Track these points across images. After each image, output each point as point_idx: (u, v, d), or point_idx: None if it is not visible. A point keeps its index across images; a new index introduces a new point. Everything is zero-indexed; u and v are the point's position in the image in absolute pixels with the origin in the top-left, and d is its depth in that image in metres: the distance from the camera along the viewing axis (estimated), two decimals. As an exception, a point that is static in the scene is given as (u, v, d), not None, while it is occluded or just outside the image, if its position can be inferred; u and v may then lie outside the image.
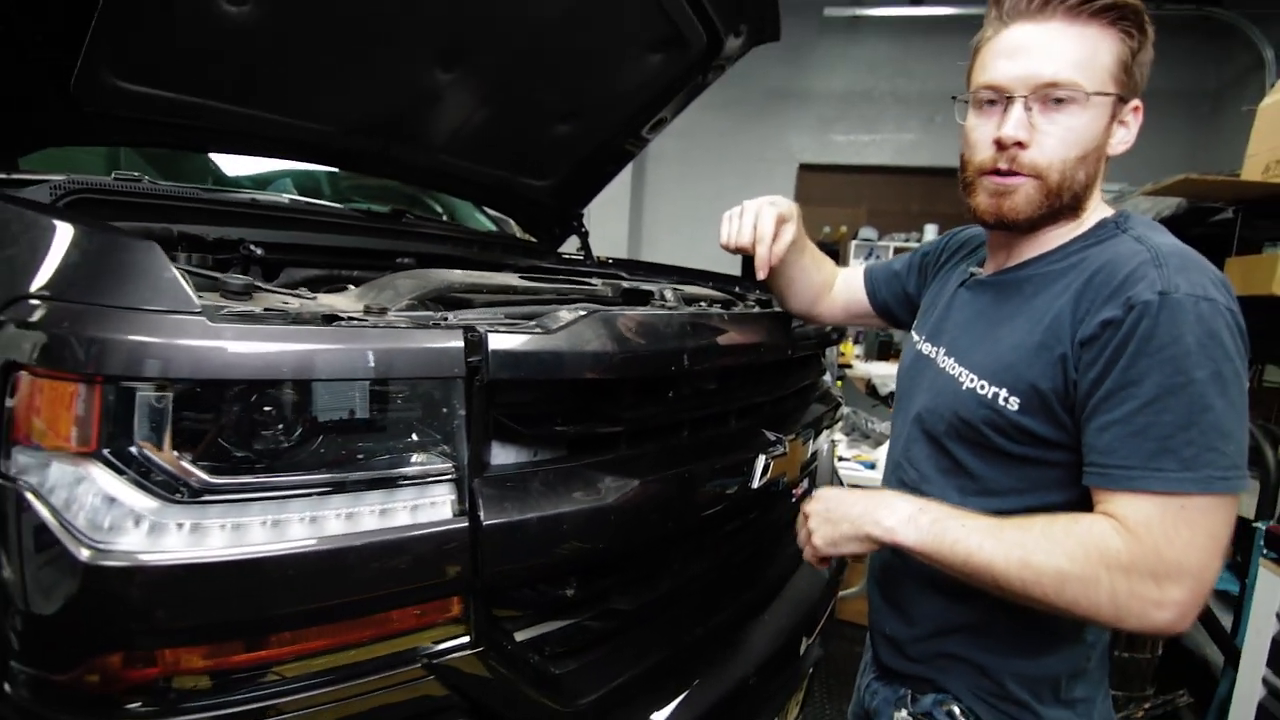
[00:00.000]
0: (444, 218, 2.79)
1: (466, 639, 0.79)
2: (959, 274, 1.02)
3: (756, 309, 1.52)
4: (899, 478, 0.98)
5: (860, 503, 0.88)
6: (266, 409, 0.67)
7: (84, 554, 0.60)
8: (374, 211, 2.08)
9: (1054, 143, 0.81)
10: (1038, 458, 0.82)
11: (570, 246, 2.69)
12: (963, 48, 0.93)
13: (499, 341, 0.77)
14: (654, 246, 7.32)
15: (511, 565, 0.80)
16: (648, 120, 2.30)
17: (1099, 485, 0.76)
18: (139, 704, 0.64)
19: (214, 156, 2.22)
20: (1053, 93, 0.80)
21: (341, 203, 2.24)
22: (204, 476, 0.65)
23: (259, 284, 0.84)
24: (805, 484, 1.64)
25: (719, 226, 1.15)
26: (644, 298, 1.33)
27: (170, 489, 0.63)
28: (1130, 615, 0.72)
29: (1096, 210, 0.87)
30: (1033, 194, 0.83)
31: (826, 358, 1.95)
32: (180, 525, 0.64)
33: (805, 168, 7.34)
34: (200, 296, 0.68)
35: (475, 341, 0.75)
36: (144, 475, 0.63)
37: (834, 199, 7.35)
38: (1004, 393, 0.82)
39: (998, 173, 0.84)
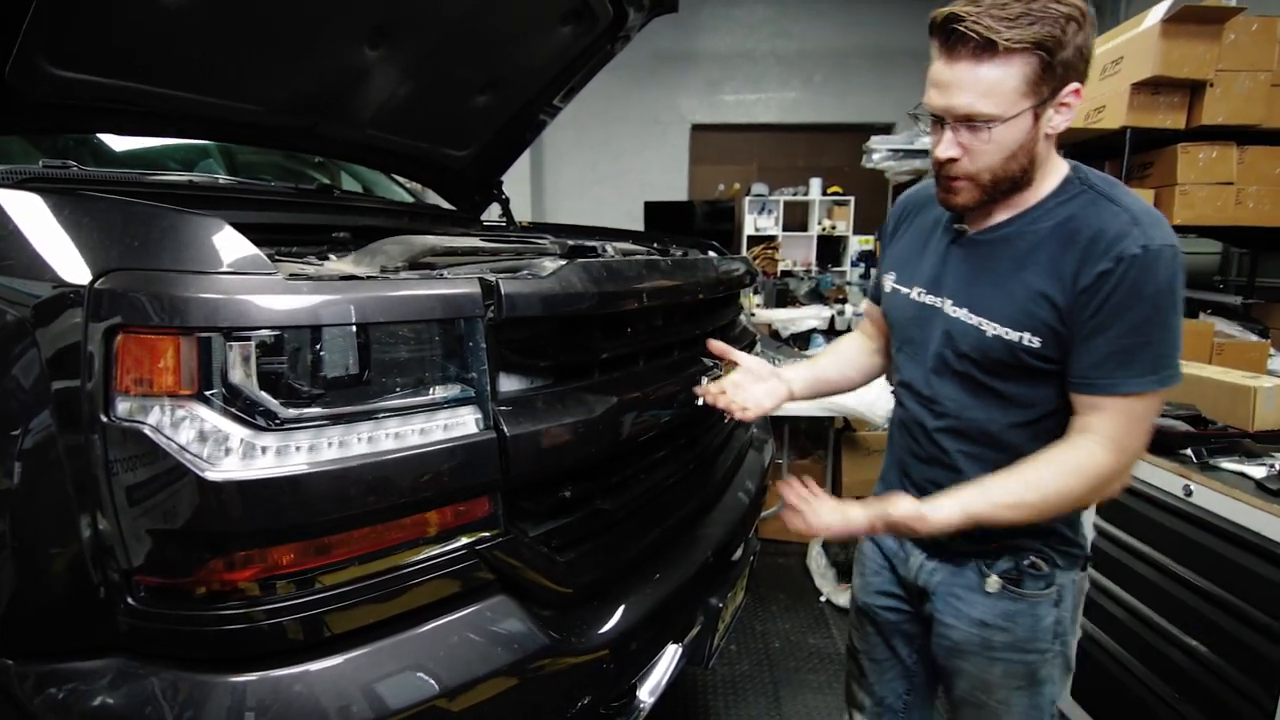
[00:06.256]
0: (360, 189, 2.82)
1: (498, 530, 0.98)
2: (935, 228, 1.18)
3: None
4: (924, 407, 1.16)
5: (870, 514, 1.06)
6: (331, 350, 0.81)
7: (207, 473, 0.74)
8: (303, 189, 2.12)
9: (980, 155, 0.99)
10: (1050, 371, 1.03)
11: (491, 214, 2.80)
12: (835, 9, 1.16)
13: (507, 286, 0.94)
14: (558, 211, 7.39)
15: (528, 468, 0.98)
16: (560, 89, 2.43)
17: (1086, 392, 0.99)
18: (256, 594, 0.79)
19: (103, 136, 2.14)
20: (969, 121, 0.97)
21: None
22: (286, 409, 0.80)
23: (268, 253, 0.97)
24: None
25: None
26: (588, 253, 1.51)
27: (262, 419, 0.78)
28: (1105, 496, 1.02)
29: (1056, 170, 1.05)
30: (973, 191, 1.03)
31: (742, 299, 2.20)
32: (268, 449, 0.79)
33: (697, 128, 7.58)
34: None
35: (489, 287, 0.93)
36: (239, 409, 0.77)
37: (727, 157, 7.65)
38: (1027, 335, 1.02)
39: (946, 176, 1.04)
